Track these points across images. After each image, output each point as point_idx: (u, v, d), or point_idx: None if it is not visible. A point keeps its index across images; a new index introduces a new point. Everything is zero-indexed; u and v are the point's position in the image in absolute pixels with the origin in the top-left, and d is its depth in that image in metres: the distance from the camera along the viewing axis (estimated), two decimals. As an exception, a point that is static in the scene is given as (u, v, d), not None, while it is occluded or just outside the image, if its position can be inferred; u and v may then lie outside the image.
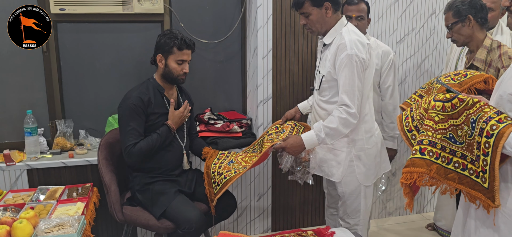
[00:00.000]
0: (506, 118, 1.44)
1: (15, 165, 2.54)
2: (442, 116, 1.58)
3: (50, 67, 2.77)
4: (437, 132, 1.58)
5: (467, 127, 1.52)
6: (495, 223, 1.52)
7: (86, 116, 2.92)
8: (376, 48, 2.57)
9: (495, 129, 1.42)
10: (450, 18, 2.30)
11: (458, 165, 1.55)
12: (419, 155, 1.58)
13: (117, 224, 2.79)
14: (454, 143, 1.56)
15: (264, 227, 3.21)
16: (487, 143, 1.43)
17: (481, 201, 1.50)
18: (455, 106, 1.56)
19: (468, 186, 1.52)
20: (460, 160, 1.54)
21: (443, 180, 1.56)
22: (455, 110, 1.56)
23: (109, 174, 2.37)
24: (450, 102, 1.57)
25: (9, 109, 2.76)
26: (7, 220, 1.91)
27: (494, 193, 1.45)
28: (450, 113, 1.57)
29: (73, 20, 2.75)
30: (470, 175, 1.52)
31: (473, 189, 1.51)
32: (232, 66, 3.15)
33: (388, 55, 2.60)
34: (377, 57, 2.57)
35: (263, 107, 2.96)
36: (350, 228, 2.27)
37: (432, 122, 1.59)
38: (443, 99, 1.60)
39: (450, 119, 1.57)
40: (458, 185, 1.54)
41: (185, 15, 2.93)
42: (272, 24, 2.86)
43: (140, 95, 2.29)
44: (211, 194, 2.27)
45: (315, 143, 2.14)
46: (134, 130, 2.26)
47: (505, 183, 1.51)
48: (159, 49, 2.31)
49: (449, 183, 1.56)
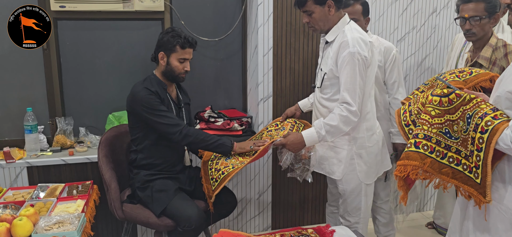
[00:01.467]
0: (502, 115, 1.45)
1: (15, 162, 2.53)
2: (438, 110, 1.58)
3: (50, 65, 2.76)
4: (432, 127, 1.58)
5: (463, 123, 1.53)
6: (486, 218, 1.53)
7: (86, 114, 2.92)
8: (379, 45, 2.55)
9: (490, 125, 1.42)
10: (480, 10, 2.17)
11: (452, 160, 1.55)
12: (413, 148, 1.58)
13: (117, 222, 2.79)
14: (450, 138, 1.56)
15: (264, 225, 3.21)
16: (481, 139, 1.44)
17: (473, 196, 1.51)
18: (452, 101, 1.56)
19: (461, 181, 1.53)
20: (455, 155, 1.55)
21: (437, 174, 1.57)
22: (452, 105, 1.56)
23: (109, 172, 2.36)
24: (447, 97, 1.57)
25: (9, 106, 2.76)
26: (7, 217, 1.91)
27: (485, 189, 1.46)
28: (447, 108, 1.58)
29: (73, 18, 2.75)
30: (464, 170, 1.52)
31: (466, 184, 1.52)
32: (232, 64, 3.15)
33: (390, 51, 2.57)
34: (379, 54, 2.56)
35: (264, 105, 2.96)
36: (351, 226, 2.27)
37: (428, 116, 1.60)
38: (440, 93, 1.60)
39: (446, 114, 1.58)
40: (451, 180, 1.55)
41: (186, 12, 2.93)
42: (273, 22, 2.86)
43: (150, 88, 2.28)
44: (209, 191, 2.26)
45: (315, 140, 2.14)
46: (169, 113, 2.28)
47: (503, 181, 1.51)
48: (161, 46, 2.31)
49: (442, 177, 1.56)
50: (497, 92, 1.53)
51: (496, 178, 1.51)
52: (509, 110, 1.47)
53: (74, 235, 1.89)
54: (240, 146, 2.31)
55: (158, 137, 2.33)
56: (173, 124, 2.25)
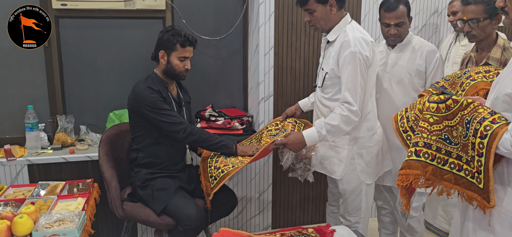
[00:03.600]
0: (500, 118, 1.44)
1: (16, 160, 2.54)
2: (436, 117, 1.58)
3: (52, 63, 2.77)
4: (432, 134, 1.58)
5: (462, 128, 1.52)
6: (490, 223, 1.52)
7: (87, 112, 2.92)
8: (420, 47, 2.36)
9: (489, 129, 1.41)
10: (480, 12, 2.16)
11: (454, 166, 1.54)
12: (414, 157, 1.58)
13: (118, 220, 2.79)
14: (450, 144, 1.56)
15: (265, 224, 3.21)
16: (481, 144, 1.43)
17: (477, 202, 1.50)
18: (450, 107, 1.55)
19: (464, 187, 1.52)
20: (456, 161, 1.54)
21: (439, 181, 1.56)
22: (450, 111, 1.55)
23: (110, 170, 2.36)
24: (444, 103, 1.57)
25: (10, 104, 2.76)
26: (8, 215, 1.91)
27: (489, 194, 1.45)
28: (444, 114, 1.57)
29: (75, 16, 2.75)
30: (466, 175, 1.52)
31: (469, 190, 1.51)
32: (233, 63, 3.15)
33: (434, 55, 2.36)
34: (421, 58, 2.35)
35: (264, 104, 2.95)
36: (351, 226, 2.27)
37: (426, 123, 1.59)
38: (437, 100, 1.59)
39: (444, 120, 1.57)
40: (454, 186, 1.54)
41: (187, 11, 2.93)
42: (274, 21, 2.86)
43: (152, 86, 2.27)
44: (207, 188, 2.25)
45: (316, 139, 2.13)
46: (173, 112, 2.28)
47: (502, 184, 1.50)
48: (161, 45, 2.31)
49: (445, 184, 1.56)
50: (494, 94, 1.52)
51: (495, 181, 1.51)
52: (506, 113, 1.46)
53: (74, 233, 1.89)
54: (242, 150, 2.32)
55: (159, 135, 2.33)
56: (177, 122, 2.26)
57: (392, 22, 2.28)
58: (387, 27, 2.32)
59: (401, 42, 2.36)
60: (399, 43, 2.36)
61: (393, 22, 2.28)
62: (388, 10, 2.27)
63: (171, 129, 2.27)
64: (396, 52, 2.39)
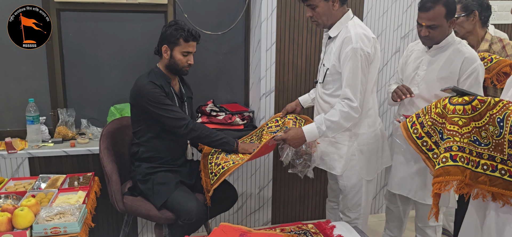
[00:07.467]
0: None
1: (16, 153, 2.54)
2: (464, 119, 1.54)
3: (53, 56, 2.76)
4: (463, 137, 1.53)
5: (493, 127, 1.48)
6: None
7: (88, 106, 2.92)
8: (459, 53, 2.11)
9: None
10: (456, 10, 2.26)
11: (487, 167, 1.51)
12: (451, 162, 1.52)
13: (118, 214, 2.80)
14: (479, 145, 1.52)
15: (264, 220, 3.21)
16: None
17: None
18: (476, 107, 1.52)
19: (501, 187, 1.48)
20: (489, 162, 1.51)
21: (475, 184, 1.52)
22: (477, 111, 1.52)
23: (111, 164, 2.37)
24: (470, 104, 1.53)
25: (11, 97, 2.76)
26: (9, 207, 1.92)
27: None
28: (471, 116, 1.53)
29: (76, 9, 2.74)
30: (502, 175, 1.48)
31: (507, 190, 1.47)
32: (235, 58, 3.14)
33: (471, 63, 2.08)
34: (456, 65, 2.12)
35: (266, 100, 2.95)
36: (351, 222, 2.27)
37: (456, 126, 1.55)
38: (462, 102, 1.56)
39: (472, 121, 1.53)
40: (490, 187, 1.50)
41: (189, 5, 2.92)
42: (276, 17, 2.85)
43: (155, 81, 2.27)
44: (207, 184, 2.26)
45: (316, 135, 2.13)
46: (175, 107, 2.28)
47: None
48: (164, 39, 2.30)
49: (481, 187, 1.52)
50: None
51: None
52: None
53: (75, 226, 1.90)
54: (243, 148, 2.31)
55: (160, 130, 2.33)
56: (179, 118, 2.26)
57: (424, 23, 2.08)
58: (419, 27, 2.13)
59: (438, 44, 2.15)
60: (435, 45, 2.15)
61: (425, 23, 2.07)
62: (422, 9, 2.08)
63: (173, 125, 2.27)
64: (431, 55, 2.18)
